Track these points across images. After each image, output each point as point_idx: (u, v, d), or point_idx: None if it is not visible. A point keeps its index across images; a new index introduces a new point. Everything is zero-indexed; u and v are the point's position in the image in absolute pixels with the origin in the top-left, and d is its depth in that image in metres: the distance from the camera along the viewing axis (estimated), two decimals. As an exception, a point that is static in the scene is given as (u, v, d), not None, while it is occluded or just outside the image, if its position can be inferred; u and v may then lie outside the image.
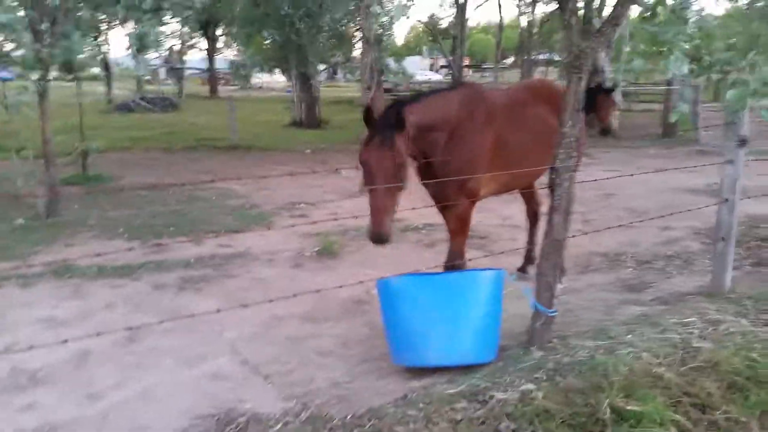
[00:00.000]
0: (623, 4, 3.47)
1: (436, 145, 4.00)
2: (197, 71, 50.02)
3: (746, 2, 27.54)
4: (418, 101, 4.01)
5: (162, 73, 39.92)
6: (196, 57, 47.05)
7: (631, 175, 5.13)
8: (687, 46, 4.00)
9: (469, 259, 4.60)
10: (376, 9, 14.31)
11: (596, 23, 3.91)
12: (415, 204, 4.05)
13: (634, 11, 4.40)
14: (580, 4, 3.71)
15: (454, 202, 4.19)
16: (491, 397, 2.98)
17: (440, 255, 6.10)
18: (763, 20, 27.42)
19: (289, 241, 6.70)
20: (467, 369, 3.41)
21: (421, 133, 3.87)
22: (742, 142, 4.18)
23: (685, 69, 4.04)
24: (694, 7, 4.08)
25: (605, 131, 9.42)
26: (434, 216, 7.03)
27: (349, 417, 3.02)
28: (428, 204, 4.53)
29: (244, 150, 14.67)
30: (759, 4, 28.01)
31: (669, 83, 17.40)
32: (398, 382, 3.51)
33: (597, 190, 8.77)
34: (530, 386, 3.03)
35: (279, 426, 3.09)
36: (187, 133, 17.41)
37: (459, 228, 4.33)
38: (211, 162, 12.79)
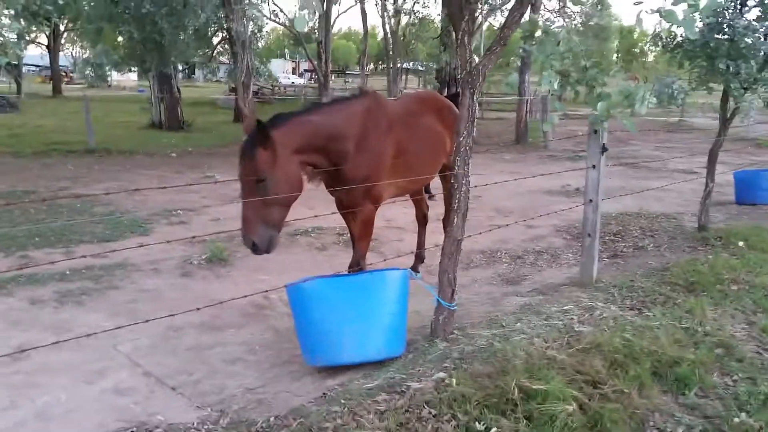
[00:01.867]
0: (510, 26, 3.83)
1: (345, 153, 4.20)
2: (36, 68, 45.93)
3: (580, 21, 30.51)
4: (312, 112, 4.16)
5: (-6, 69, 36.16)
6: (34, 53, 43.08)
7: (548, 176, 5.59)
8: (557, 64, 4.49)
9: (370, 263, 4.80)
10: (254, 12, 14.08)
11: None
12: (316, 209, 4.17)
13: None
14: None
15: (359, 208, 4.42)
16: (408, 387, 3.18)
17: (332, 258, 6.28)
18: (596, 38, 30.61)
19: (172, 250, 6.48)
20: (380, 364, 3.59)
21: (320, 143, 4.07)
22: (604, 150, 4.76)
23: (556, 85, 4.54)
24: (561, 29, 4.57)
25: None
26: (324, 220, 7.17)
27: (272, 419, 3.07)
28: (332, 210, 4.69)
29: (103, 154, 13.80)
30: (591, 23, 31.19)
31: (520, 94, 18.89)
32: (314, 383, 3.61)
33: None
34: (442, 374, 3.27)
35: (201, 434, 3.07)
36: (35, 136, 16.03)
37: (364, 232, 4.54)
38: (67, 168, 11.90)
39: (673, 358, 3.43)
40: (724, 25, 5.84)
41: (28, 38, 34.05)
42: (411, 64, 27.68)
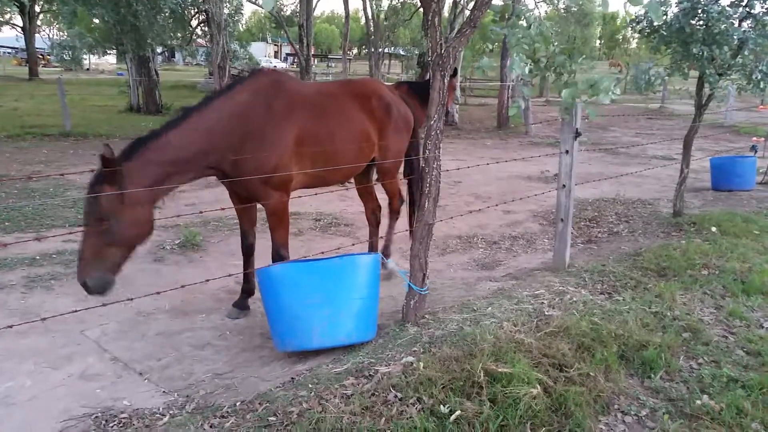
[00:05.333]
0: (480, 8, 3.79)
1: (227, 153, 3.86)
2: (12, 51, 45.04)
3: (563, 7, 30.56)
4: (179, 126, 3.69)
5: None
6: (9, 35, 42.18)
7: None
8: (527, 48, 4.47)
9: (338, 248, 4.77)
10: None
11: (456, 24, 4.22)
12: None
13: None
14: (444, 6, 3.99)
15: (264, 201, 4.12)
16: (376, 371, 3.17)
17: (308, 243, 6.24)
18: (578, 24, 30.71)
19: (146, 234, 6.40)
20: (350, 348, 3.58)
21: (186, 165, 3.72)
22: (577, 135, 4.75)
23: (527, 70, 4.52)
24: (535, 13, 4.55)
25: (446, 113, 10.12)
26: (300, 205, 7.13)
27: (238, 404, 3.04)
28: (308, 194, 4.64)
29: (79, 138, 13.58)
30: (574, 9, 31.22)
31: (502, 79, 18.88)
32: (283, 367, 3.59)
33: (446, 178, 9.35)
34: (410, 359, 3.26)
35: (166, 419, 3.03)
36: (9, 119, 15.72)
37: (277, 223, 4.24)
38: (42, 152, 11.70)
39: (640, 341, 3.46)
40: (699, 11, 5.84)
41: (1, 19, 33.36)
42: (393, 49, 27.49)
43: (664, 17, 6.16)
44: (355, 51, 64.69)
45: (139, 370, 3.73)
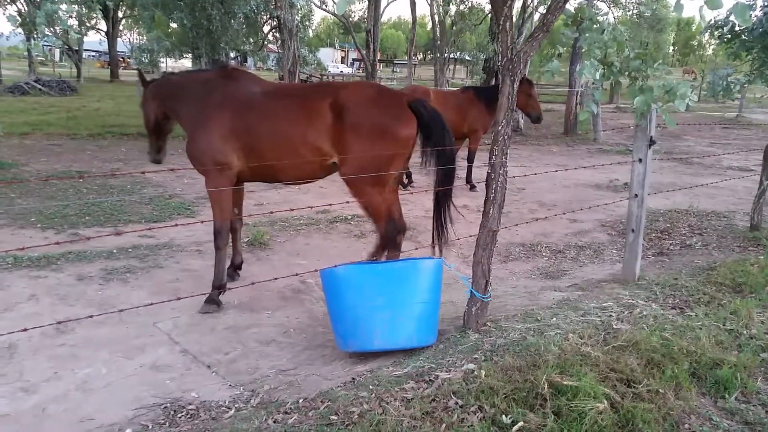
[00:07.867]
0: (553, 12, 3.73)
1: (178, 112, 4.95)
2: (96, 54, 47.40)
3: (636, 12, 29.62)
4: (176, 76, 5.29)
5: (57, 54, 37.47)
6: (94, 39, 44.49)
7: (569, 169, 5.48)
8: (599, 53, 4.37)
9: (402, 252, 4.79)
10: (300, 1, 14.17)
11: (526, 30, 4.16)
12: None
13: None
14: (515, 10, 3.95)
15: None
16: (436, 377, 3.16)
17: (371, 245, 6.27)
18: (651, 30, 29.69)
19: (215, 232, 6.60)
20: (410, 352, 3.59)
21: (163, 95, 5.05)
22: (651, 143, 4.61)
23: (598, 75, 4.41)
24: (608, 18, 4.44)
25: (538, 119, 9.87)
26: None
27: (301, 401, 3.10)
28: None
29: (155, 138, 14.15)
30: (647, 14, 30.21)
31: (570, 85, 18.47)
32: (344, 367, 3.64)
33: (509, 185, 9.21)
34: (472, 366, 3.24)
35: (232, 412, 3.13)
36: (91, 118, 16.54)
37: (211, 203, 4.88)
38: (121, 150, 12.26)
39: (714, 359, 3.31)
40: (787, 15, 5.56)
41: (88, 24, 35.18)
42: (459, 54, 27.37)
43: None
44: (420, 56, 64.78)
45: (207, 362, 3.85)
